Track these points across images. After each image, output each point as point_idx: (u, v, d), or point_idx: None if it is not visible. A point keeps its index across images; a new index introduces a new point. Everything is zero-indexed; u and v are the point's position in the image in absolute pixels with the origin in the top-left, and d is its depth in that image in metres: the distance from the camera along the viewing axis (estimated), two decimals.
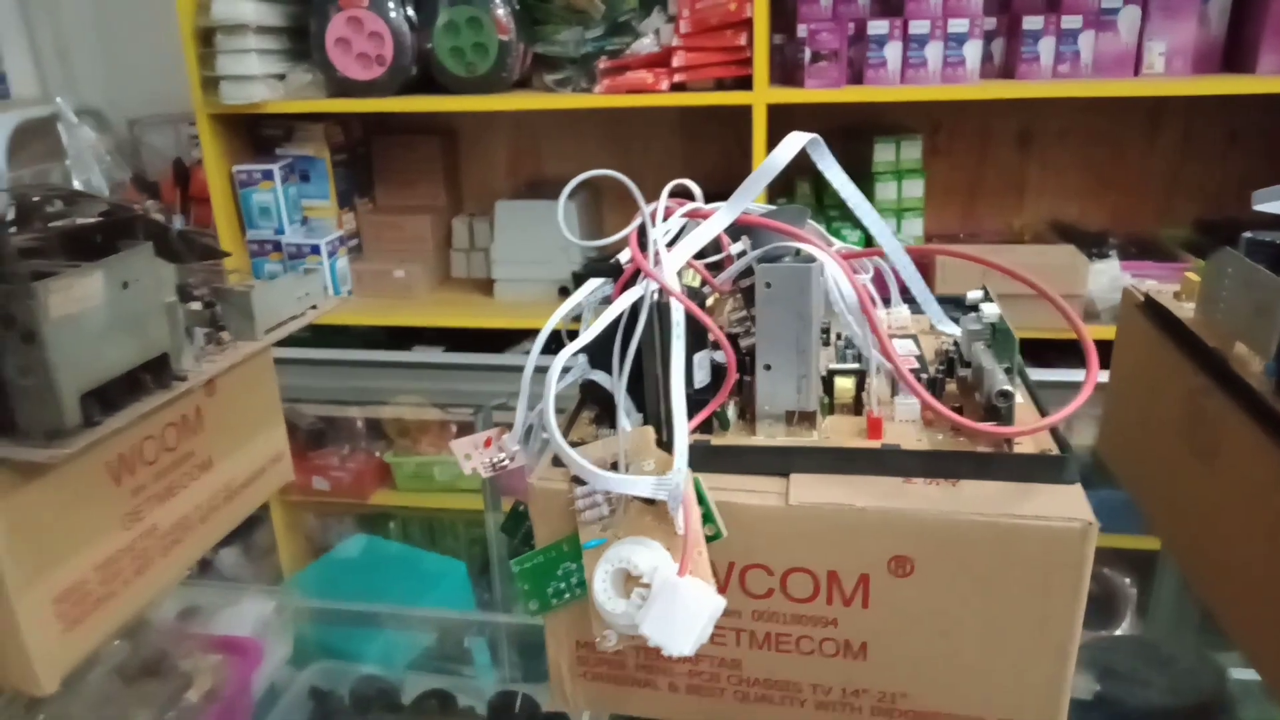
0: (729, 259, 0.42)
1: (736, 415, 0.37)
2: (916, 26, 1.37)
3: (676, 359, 0.34)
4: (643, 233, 0.37)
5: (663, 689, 0.38)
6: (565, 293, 0.40)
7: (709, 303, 0.41)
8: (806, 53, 1.38)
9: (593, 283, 0.39)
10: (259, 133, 1.67)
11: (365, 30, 1.47)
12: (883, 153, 1.51)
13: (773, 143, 0.36)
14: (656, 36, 1.45)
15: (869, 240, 1.40)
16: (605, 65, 1.46)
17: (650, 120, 1.72)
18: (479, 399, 0.93)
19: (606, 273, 0.39)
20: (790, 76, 1.46)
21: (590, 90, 1.48)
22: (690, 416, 0.34)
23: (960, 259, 0.47)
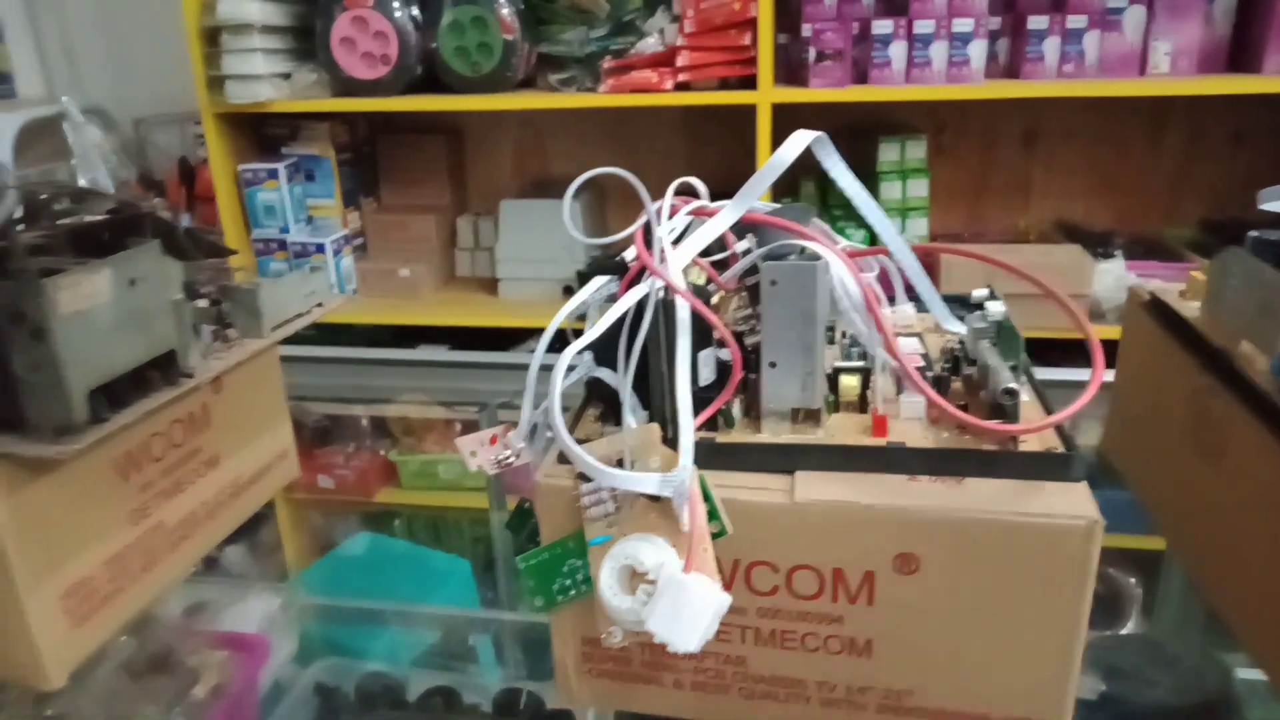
0: (734, 257, 0.42)
1: (742, 413, 0.37)
2: (921, 26, 1.37)
3: (682, 356, 0.34)
4: (648, 230, 0.38)
5: (668, 686, 0.38)
6: (569, 292, 0.40)
7: (714, 301, 0.41)
8: (811, 52, 1.38)
9: (598, 281, 0.39)
10: (264, 132, 1.67)
11: (370, 30, 1.47)
12: (887, 152, 1.51)
13: (777, 143, 0.36)
14: (661, 36, 1.45)
15: (874, 240, 1.41)
16: (610, 65, 1.46)
17: (654, 120, 1.72)
18: (483, 397, 0.93)
19: (611, 271, 0.39)
20: (795, 76, 1.46)
21: (595, 90, 1.48)
22: (695, 414, 0.34)
23: (965, 258, 0.47)
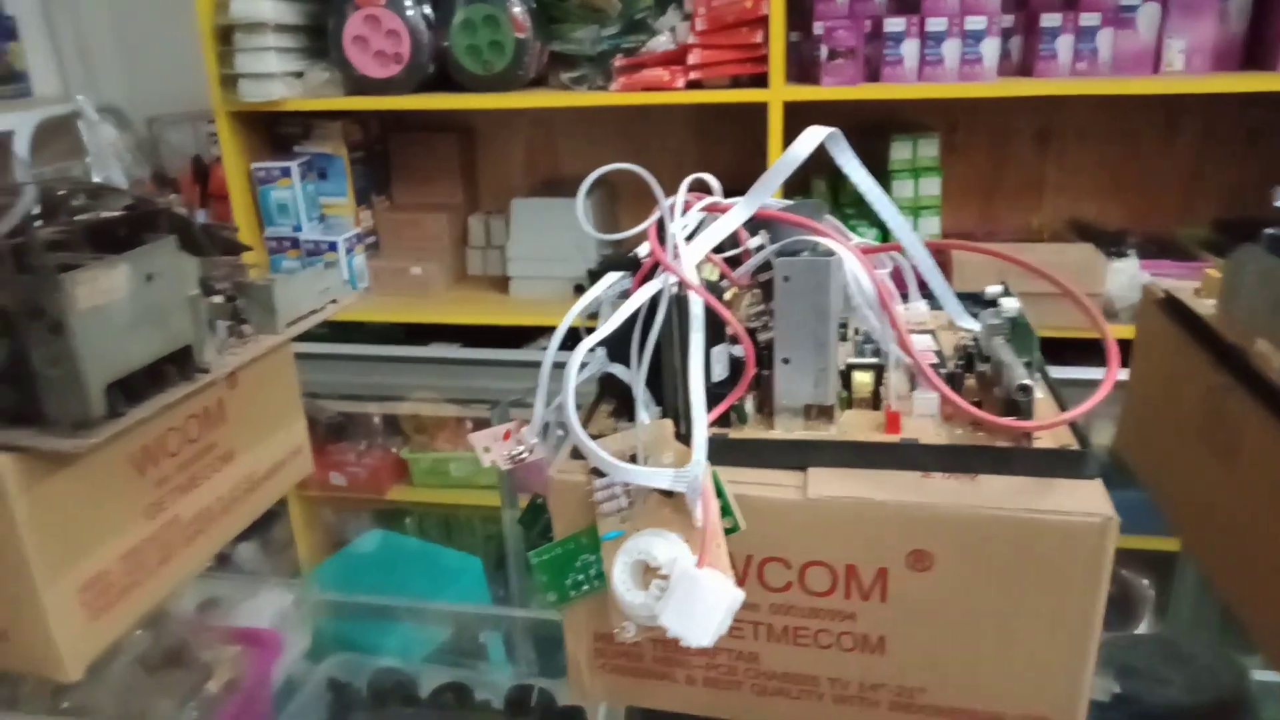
0: (747, 253, 0.42)
1: (754, 409, 0.37)
2: (934, 24, 1.37)
3: (695, 352, 0.34)
4: (661, 226, 0.38)
5: (680, 681, 0.38)
6: (580, 290, 0.40)
7: (727, 297, 0.41)
8: (823, 50, 1.38)
9: (610, 277, 0.39)
10: (277, 130, 1.68)
11: (383, 28, 1.48)
12: (899, 151, 1.50)
13: (788, 141, 0.36)
14: (672, 34, 1.45)
15: (886, 237, 1.40)
16: (621, 63, 1.46)
17: (666, 118, 1.72)
18: (495, 395, 0.93)
19: (624, 267, 0.39)
20: (806, 74, 1.46)
21: (606, 88, 1.48)
22: (709, 410, 0.34)
23: (977, 255, 0.46)
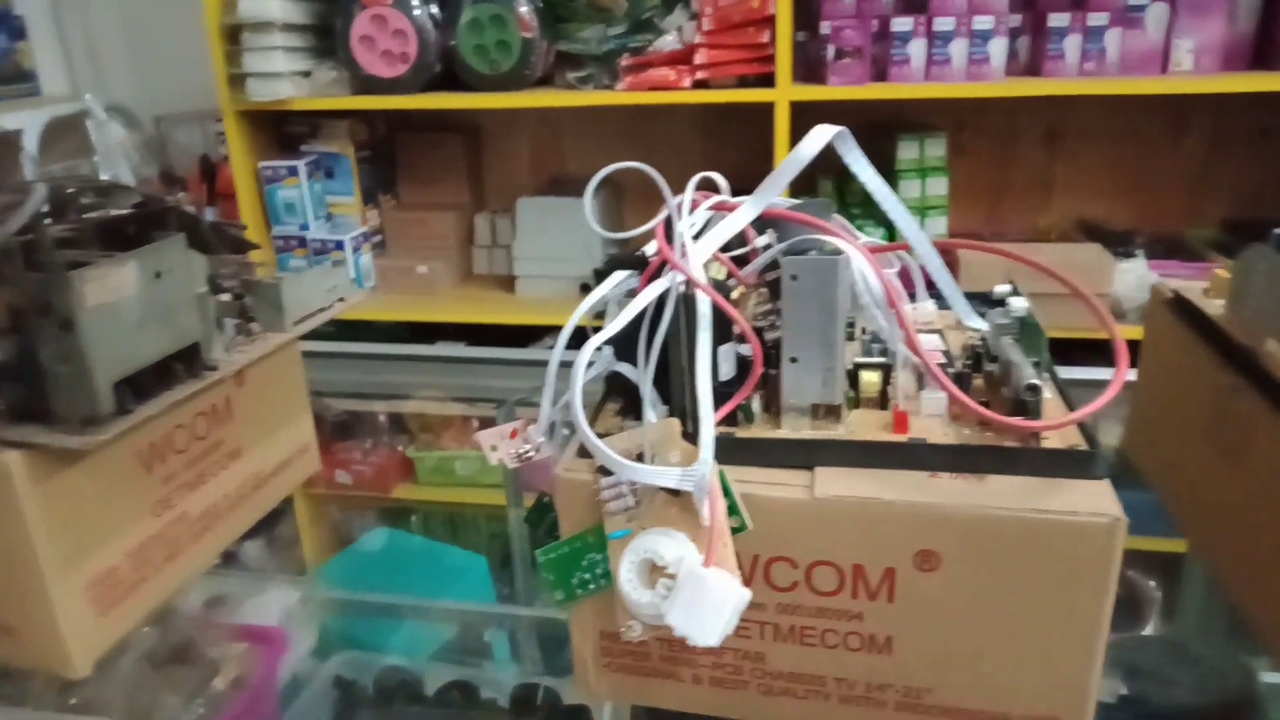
0: (754, 252, 0.42)
1: (762, 408, 0.37)
2: (941, 23, 1.37)
3: (702, 351, 0.34)
4: (669, 225, 0.38)
5: (686, 681, 0.38)
6: (586, 289, 0.40)
7: (734, 296, 0.41)
8: (830, 50, 1.37)
9: (617, 275, 0.39)
10: (284, 129, 1.69)
11: (390, 28, 1.48)
12: (906, 151, 1.50)
13: (795, 141, 0.36)
14: (679, 34, 1.45)
15: (893, 237, 1.40)
16: (628, 62, 1.46)
17: (672, 118, 1.72)
18: (501, 394, 0.93)
19: (631, 266, 0.39)
20: (813, 74, 1.46)
21: (613, 87, 1.48)
22: (715, 409, 0.34)
23: (985, 254, 0.46)
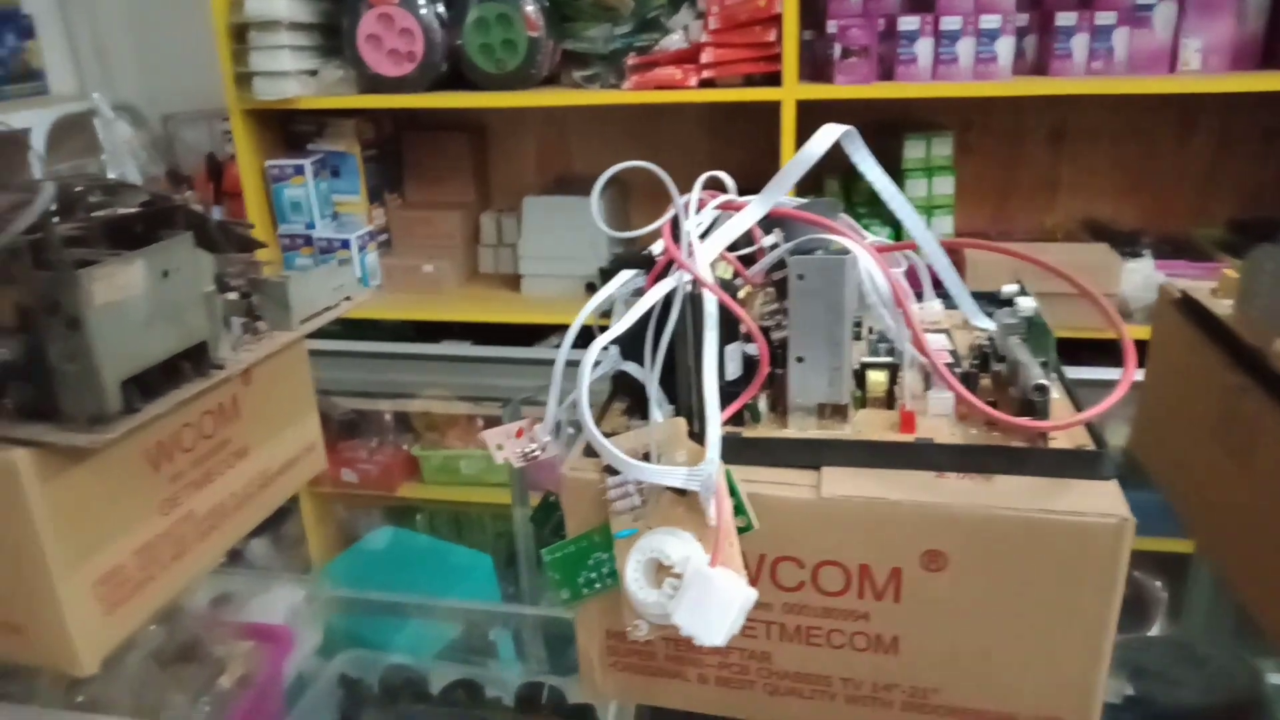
0: (761, 252, 0.42)
1: (768, 408, 0.37)
2: (948, 22, 1.36)
3: (709, 350, 0.34)
4: (675, 224, 0.37)
5: (692, 680, 0.38)
6: (592, 289, 0.40)
7: (741, 295, 0.41)
8: (836, 49, 1.37)
9: (624, 274, 0.39)
10: (291, 128, 1.69)
11: (396, 27, 1.48)
12: (913, 150, 1.50)
13: (801, 140, 0.36)
14: (685, 33, 1.45)
15: (899, 236, 1.40)
16: (634, 61, 1.46)
17: (678, 117, 1.72)
18: (507, 393, 0.93)
19: (637, 265, 0.39)
20: (820, 73, 1.45)
21: (619, 86, 1.48)
22: (722, 408, 0.34)
23: (991, 254, 0.46)
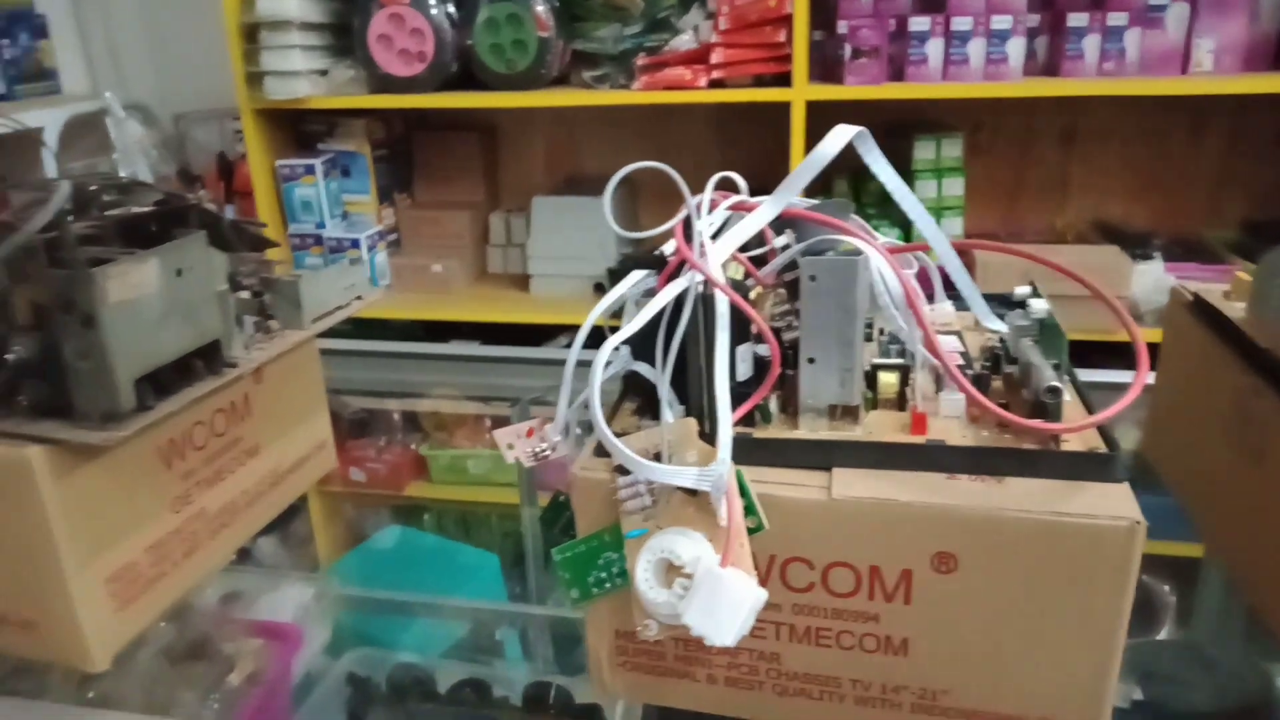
0: (772, 252, 0.42)
1: (779, 408, 0.37)
2: (959, 23, 1.36)
3: (720, 351, 0.34)
4: (687, 225, 0.38)
5: (701, 681, 0.38)
6: (600, 289, 0.40)
7: (752, 296, 0.41)
8: (847, 49, 1.37)
9: (635, 275, 0.39)
10: (302, 128, 1.69)
11: (407, 27, 1.49)
12: (923, 151, 1.50)
13: (811, 140, 0.36)
14: (695, 33, 1.45)
15: (908, 237, 1.39)
16: (644, 62, 1.46)
17: (688, 117, 1.72)
18: (516, 392, 0.93)
19: (648, 265, 0.39)
20: (830, 73, 1.45)
21: (628, 87, 1.48)
22: (733, 409, 0.34)
23: (1001, 255, 0.46)
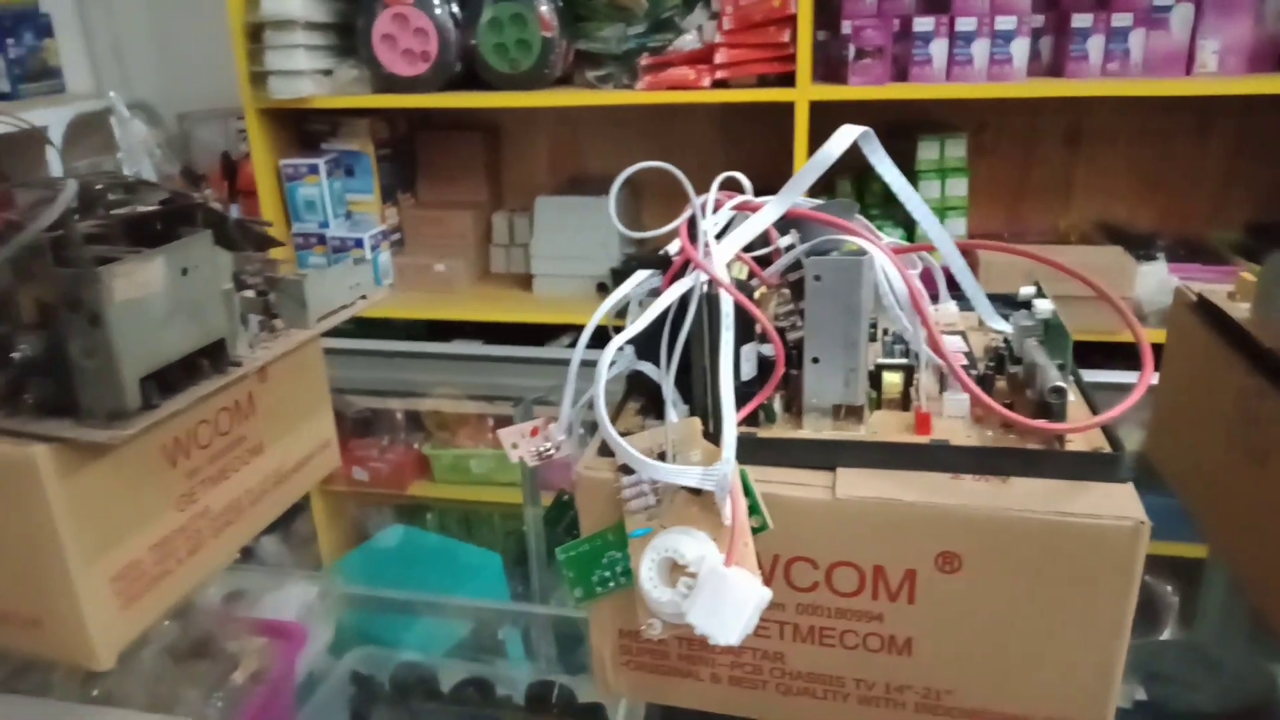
0: (777, 252, 0.42)
1: (783, 408, 0.37)
2: (963, 23, 1.36)
3: (725, 350, 0.34)
4: (692, 224, 0.38)
5: (705, 680, 0.38)
6: (603, 289, 0.40)
7: (756, 296, 0.41)
8: (851, 49, 1.37)
9: (640, 275, 0.39)
10: (305, 127, 1.69)
11: (411, 27, 1.49)
12: (927, 151, 1.49)
13: (815, 140, 0.36)
14: (699, 33, 1.45)
15: (912, 238, 1.39)
16: (647, 62, 1.46)
17: (691, 117, 1.72)
18: (519, 392, 0.93)
19: (650, 265, 0.39)
20: (834, 73, 1.45)
21: (632, 87, 1.48)
22: (737, 409, 0.34)
23: (1005, 255, 0.46)
